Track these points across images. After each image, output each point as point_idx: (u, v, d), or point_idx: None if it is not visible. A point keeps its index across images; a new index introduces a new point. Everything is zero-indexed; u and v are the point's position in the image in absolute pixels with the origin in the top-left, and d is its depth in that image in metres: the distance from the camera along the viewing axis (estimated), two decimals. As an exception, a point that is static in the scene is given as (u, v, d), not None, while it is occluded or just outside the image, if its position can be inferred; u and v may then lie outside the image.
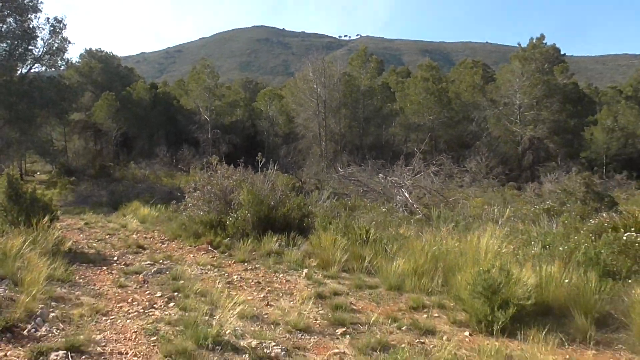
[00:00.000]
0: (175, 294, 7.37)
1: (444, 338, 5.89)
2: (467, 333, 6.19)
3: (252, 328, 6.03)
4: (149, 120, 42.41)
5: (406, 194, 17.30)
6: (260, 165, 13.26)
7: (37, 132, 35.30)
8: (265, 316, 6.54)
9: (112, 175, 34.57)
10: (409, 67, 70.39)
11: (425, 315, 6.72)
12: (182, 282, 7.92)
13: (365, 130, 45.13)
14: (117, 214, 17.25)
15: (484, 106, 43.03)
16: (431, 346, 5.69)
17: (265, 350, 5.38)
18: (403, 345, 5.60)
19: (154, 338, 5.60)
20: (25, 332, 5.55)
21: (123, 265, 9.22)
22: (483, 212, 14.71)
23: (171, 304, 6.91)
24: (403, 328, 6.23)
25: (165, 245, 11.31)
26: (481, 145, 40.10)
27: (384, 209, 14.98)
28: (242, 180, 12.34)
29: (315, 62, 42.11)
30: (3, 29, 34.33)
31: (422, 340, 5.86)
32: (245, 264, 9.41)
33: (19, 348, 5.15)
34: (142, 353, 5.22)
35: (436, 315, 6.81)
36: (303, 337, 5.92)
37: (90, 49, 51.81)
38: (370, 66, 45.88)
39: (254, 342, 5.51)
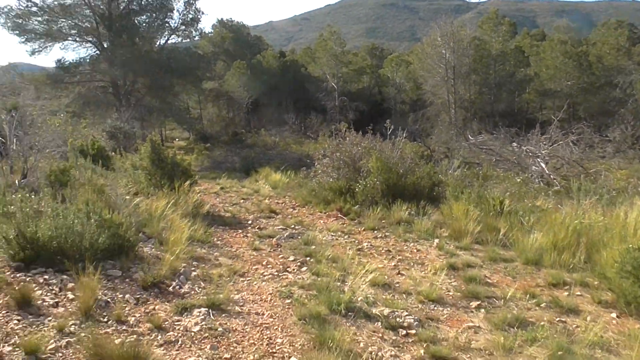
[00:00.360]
0: (308, 258, 7.53)
1: (588, 319, 5.52)
2: (614, 315, 5.76)
3: (384, 296, 6.01)
4: (278, 88, 43.32)
5: (542, 164, 16.43)
6: (389, 133, 13.10)
7: (175, 100, 37.43)
8: (397, 285, 6.49)
9: (244, 141, 35.90)
10: (544, 29, 66.14)
11: (566, 293, 6.33)
12: (313, 247, 8.06)
13: (497, 96, 43.11)
14: (250, 179, 17.92)
15: (630, 70, 39.38)
16: (574, 326, 5.36)
17: (397, 319, 5.35)
18: (542, 323, 5.33)
19: (289, 301, 5.75)
20: (170, 289, 5.91)
21: (257, 229, 9.55)
22: (629, 185, 13.62)
23: (304, 269, 7.06)
24: (542, 305, 5.92)
25: (296, 211, 11.57)
26: (626, 113, 36.89)
27: (518, 180, 14.31)
28: (370, 147, 12.26)
29: (443, 26, 40.60)
30: (142, 2, 36.55)
31: (563, 320, 5.54)
32: (375, 231, 9.39)
33: (166, 303, 5.49)
34: (277, 315, 5.37)
35: (578, 293, 6.40)
36: (435, 308, 5.81)
37: (221, 19, 53.68)
38: (502, 29, 43.48)
39: (386, 311, 5.50)
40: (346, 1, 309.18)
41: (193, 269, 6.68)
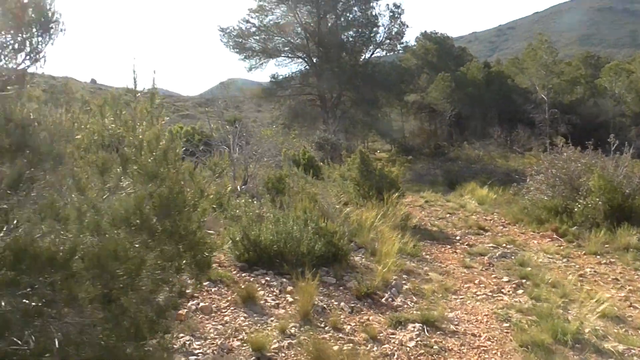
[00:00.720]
0: (523, 281, 7.08)
1: None
2: None
3: (615, 330, 5.40)
4: (482, 100, 42.01)
5: None
6: (612, 149, 11.93)
7: (378, 113, 38.21)
8: (629, 319, 5.81)
9: (447, 155, 35.35)
10: None
11: None
12: (529, 269, 7.57)
13: None
14: (454, 193, 17.50)
15: None
16: None
17: (635, 358, 4.76)
18: None
19: (507, 325, 5.43)
20: (383, 300, 5.91)
21: (466, 245, 9.25)
22: None
23: (520, 291, 6.65)
24: None
25: (506, 229, 11.01)
26: None
27: None
28: (591, 164, 11.27)
29: (675, 30, 36.35)
30: (349, 18, 37.96)
31: None
32: (598, 257, 8.55)
33: (379, 314, 5.49)
34: (495, 338, 5.09)
35: None
36: (682, 351, 5.07)
37: (425, 31, 53.54)
38: None
39: (620, 347, 4.94)
40: (557, 7, 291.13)
41: (404, 282, 6.64)
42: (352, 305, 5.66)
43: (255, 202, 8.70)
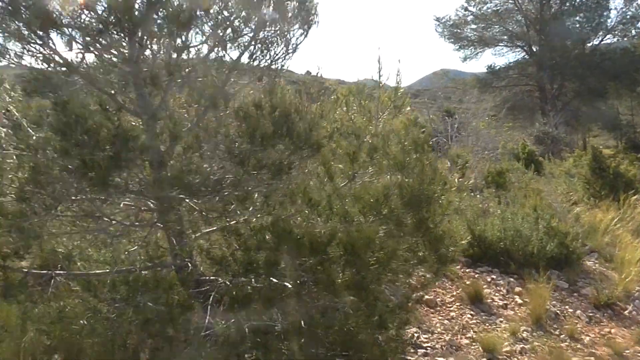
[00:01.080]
0: None
1: None
2: None
3: None
4: None
5: None
6: None
7: (604, 105, 35.14)
8: None
9: (688, 155, 31.37)
10: None
11: None
12: None
13: None
14: None
15: None
16: None
17: None
18: None
19: None
20: (626, 313, 5.37)
21: None
22: None
23: None
24: None
25: None
26: None
27: None
28: None
29: None
30: (576, 3, 35.09)
31: None
32: None
33: (623, 328, 5.01)
34: None
35: None
36: None
37: (666, 12, 47.59)
38: None
39: None
40: None
41: (649, 295, 5.96)
42: (590, 314, 5.23)
43: (477, 195, 8.47)
